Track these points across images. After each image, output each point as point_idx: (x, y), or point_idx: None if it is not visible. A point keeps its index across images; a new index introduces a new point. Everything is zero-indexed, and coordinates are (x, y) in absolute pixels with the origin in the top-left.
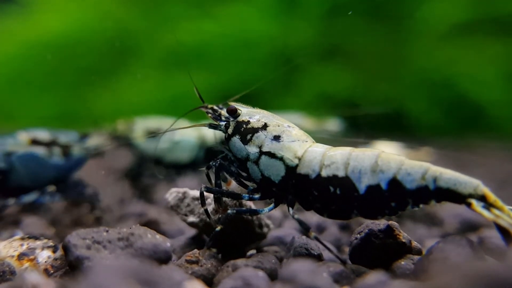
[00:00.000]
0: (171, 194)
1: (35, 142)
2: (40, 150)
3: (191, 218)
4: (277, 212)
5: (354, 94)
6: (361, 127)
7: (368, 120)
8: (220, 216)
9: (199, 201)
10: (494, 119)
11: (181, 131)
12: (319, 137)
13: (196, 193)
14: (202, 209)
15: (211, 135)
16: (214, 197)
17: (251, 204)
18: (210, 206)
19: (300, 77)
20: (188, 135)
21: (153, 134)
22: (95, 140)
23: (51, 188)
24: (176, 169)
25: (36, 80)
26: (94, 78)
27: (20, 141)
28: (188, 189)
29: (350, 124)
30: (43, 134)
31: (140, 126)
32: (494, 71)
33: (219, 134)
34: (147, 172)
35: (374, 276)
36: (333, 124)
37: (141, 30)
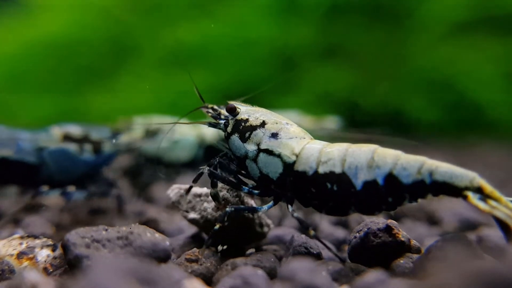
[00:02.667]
0: (173, 190)
1: (67, 137)
2: (71, 146)
3: (192, 215)
4: (276, 211)
5: (354, 93)
6: (360, 126)
7: (368, 119)
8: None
9: (201, 198)
10: (493, 119)
11: (180, 131)
12: (318, 135)
13: (198, 190)
14: (192, 185)
15: (210, 133)
16: (211, 194)
17: (252, 203)
18: (212, 203)
19: (300, 76)
20: (187, 134)
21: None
22: (127, 137)
23: (71, 188)
24: (175, 168)
25: (36, 80)
26: (94, 78)
27: (53, 136)
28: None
29: (349, 122)
30: (75, 130)
31: (140, 126)
32: (493, 71)
33: (220, 132)
34: (147, 171)
35: (373, 275)
36: (331, 122)
37: (141, 29)
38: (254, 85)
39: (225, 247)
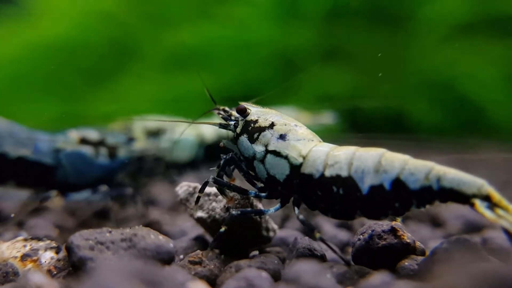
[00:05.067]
0: (182, 188)
1: (84, 141)
2: (87, 150)
3: (200, 213)
4: (279, 213)
5: (355, 95)
6: (361, 128)
7: (369, 121)
8: (227, 206)
9: (209, 197)
10: (494, 120)
11: (180, 131)
12: (314, 130)
13: (207, 189)
14: (199, 194)
15: (209, 133)
16: (217, 188)
17: (260, 206)
18: (222, 202)
19: (301, 78)
20: (187, 134)
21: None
22: (141, 143)
23: (104, 187)
24: (176, 168)
25: (37, 82)
26: (96, 80)
27: (70, 139)
28: (198, 184)
29: (350, 124)
30: (92, 134)
31: (139, 126)
32: (494, 72)
33: (230, 133)
34: (148, 172)
35: (378, 277)
36: (327, 118)
37: (142, 32)
38: (256, 87)
39: (222, 256)
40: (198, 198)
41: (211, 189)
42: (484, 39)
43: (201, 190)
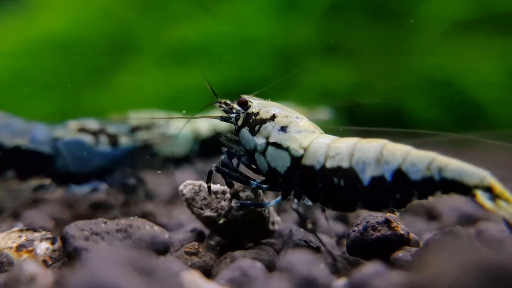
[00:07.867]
0: (186, 187)
1: (83, 130)
2: (87, 138)
3: (208, 212)
4: (274, 206)
5: (354, 91)
6: (361, 124)
7: (367, 116)
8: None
9: (217, 196)
10: (494, 117)
11: (175, 125)
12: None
13: (214, 187)
14: (206, 185)
15: (204, 128)
16: (230, 194)
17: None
18: (226, 201)
19: (300, 73)
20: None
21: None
22: (145, 133)
23: (104, 186)
24: (174, 163)
25: (36, 77)
26: (95, 75)
27: (69, 129)
28: (202, 182)
29: (349, 120)
30: (91, 124)
31: (134, 120)
32: (494, 69)
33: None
34: (143, 165)
35: (371, 267)
36: (322, 113)
37: (142, 27)
38: (255, 83)
39: (218, 247)
40: (209, 187)
41: (217, 188)
42: (484, 36)
43: (208, 180)
